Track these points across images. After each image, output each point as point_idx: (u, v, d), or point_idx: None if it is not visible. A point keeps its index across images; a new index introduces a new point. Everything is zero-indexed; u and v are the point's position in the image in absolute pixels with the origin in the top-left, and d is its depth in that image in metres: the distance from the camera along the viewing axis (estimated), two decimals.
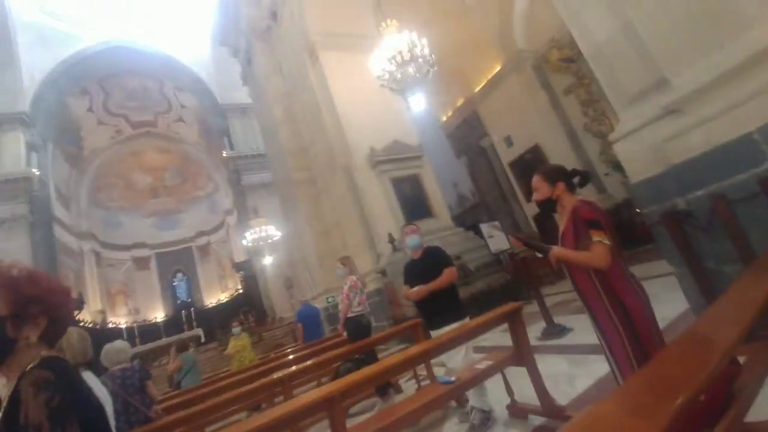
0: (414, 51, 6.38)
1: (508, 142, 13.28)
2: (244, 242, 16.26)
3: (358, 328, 3.94)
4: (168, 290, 24.20)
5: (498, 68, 12.75)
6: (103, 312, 19.07)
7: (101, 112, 20.19)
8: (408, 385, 4.23)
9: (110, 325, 18.78)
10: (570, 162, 10.22)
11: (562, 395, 2.66)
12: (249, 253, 17.99)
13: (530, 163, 12.14)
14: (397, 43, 6.39)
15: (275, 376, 3.63)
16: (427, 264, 2.92)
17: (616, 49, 3.08)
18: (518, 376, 2.68)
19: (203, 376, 6.35)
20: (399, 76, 6.61)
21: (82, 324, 14.80)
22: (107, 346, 3.17)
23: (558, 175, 1.82)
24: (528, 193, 12.41)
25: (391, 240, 7.52)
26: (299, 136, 11.09)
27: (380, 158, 8.35)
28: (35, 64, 16.07)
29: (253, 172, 18.99)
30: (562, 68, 11.54)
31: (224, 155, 19.66)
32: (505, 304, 2.87)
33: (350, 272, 4.08)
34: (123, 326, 19.85)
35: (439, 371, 3.82)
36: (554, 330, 4.18)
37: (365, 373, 2.22)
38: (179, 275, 24.87)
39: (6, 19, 15.15)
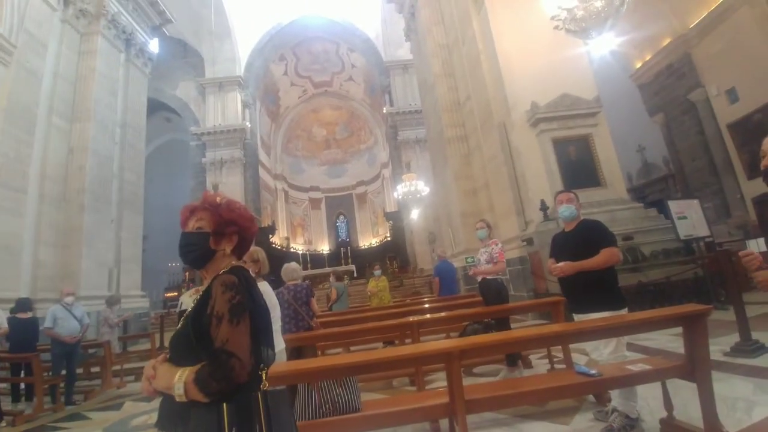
0: None
1: (732, 96, 9.89)
2: (396, 194, 17.49)
3: (498, 292, 3.83)
4: (332, 229, 28.55)
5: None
6: (287, 238, 24.08)
7: (293, 74, 24.08)
8: (539, 363, 3.99)
9: (291, 250, 23.62)
10: None
11: (734, 422, 2.13)
12: (399, 205, 19.34)
13: (760, 125, 8.85)
14: None
15: (410, 318, 3.96)
16: (580, 239, 2.53)
17: None
18: (683, 388, 2.21)
19: (350, 305, 7.46)
20: (580, 13, 5.49)
21: (273, 246, 19.21)
22: (286, 265, 4.01)
23: None
24: (751, 165, 9.17)
25: (544, 207, 6.83)
26: (455, 91, 10.79)
27: (542, 115, 7.43)
28: (245, 37, 20.04)
29: (409, 127, 19.74)
30: None
31: (384, 111, 20.95)
32: (687, 304, 2.30)
33: (492, 234, 3.94)
34: (300, 252, 24.69)
35: (579, 359, 3.46)
36: (749, 346, 3.18)
37: (489, 338, 2.19)
38: (341, 217, 28.92)
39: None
